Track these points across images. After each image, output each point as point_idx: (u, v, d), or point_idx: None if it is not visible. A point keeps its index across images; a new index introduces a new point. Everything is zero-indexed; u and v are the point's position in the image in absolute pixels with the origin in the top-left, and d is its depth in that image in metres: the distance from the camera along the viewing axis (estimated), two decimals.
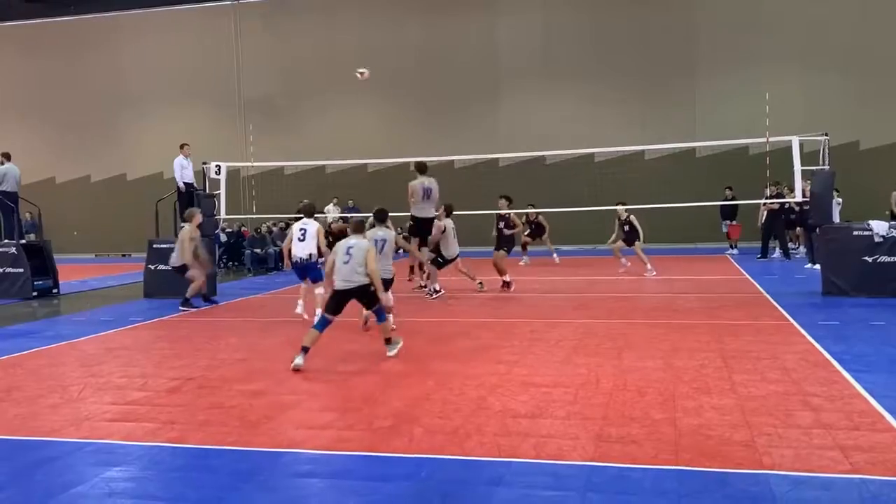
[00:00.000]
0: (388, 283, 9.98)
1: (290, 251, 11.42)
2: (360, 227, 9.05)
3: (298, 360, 8.14)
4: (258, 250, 20.62)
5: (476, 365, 8.19)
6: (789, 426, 5.75)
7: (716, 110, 23.83)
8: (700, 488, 4.65)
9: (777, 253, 19.90)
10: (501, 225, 16.05)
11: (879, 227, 12.52)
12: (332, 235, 16.39)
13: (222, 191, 16.51)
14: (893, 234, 12.36)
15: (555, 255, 19.62)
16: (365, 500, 4.65)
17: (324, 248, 11.16)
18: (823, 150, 13.71)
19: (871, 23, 22.99)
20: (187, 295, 12.98)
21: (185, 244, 12.76)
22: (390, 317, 9.53)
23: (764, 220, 19.87)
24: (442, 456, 5.37)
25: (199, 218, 13.29)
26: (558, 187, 23.35)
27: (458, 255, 14.06)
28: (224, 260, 21.30)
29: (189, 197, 15.75)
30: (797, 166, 14.24)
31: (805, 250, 19.20)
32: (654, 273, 16.08)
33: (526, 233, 19.24)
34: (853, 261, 12.52)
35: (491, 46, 26.01)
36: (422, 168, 13.45)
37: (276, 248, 20.87)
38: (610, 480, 4.84)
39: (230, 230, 22.34)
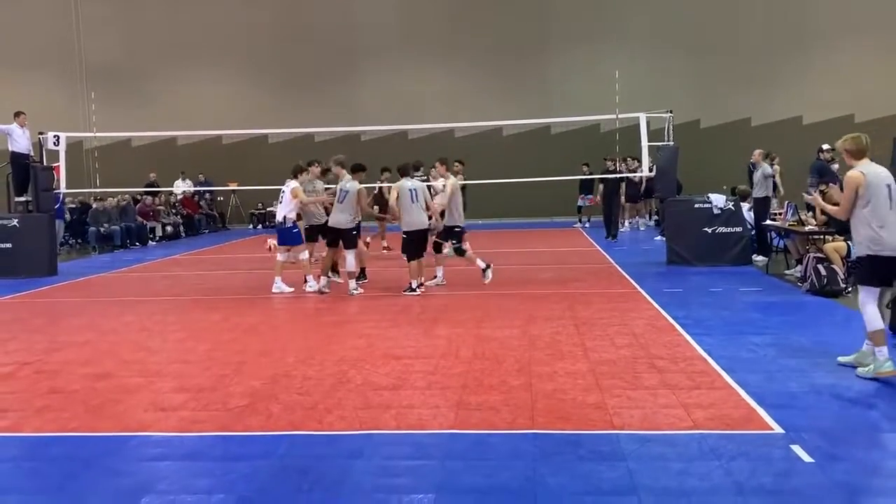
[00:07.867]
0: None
1: None
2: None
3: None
4: (103, 227, 19.37)
5: (338, 340, 8.09)
6: (637, 388, 6.04)
7: (570, 88, 24.50)
8: (555, 450, 4.80)
9: (626, 226, 20.46)
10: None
11: (718, 199, 13.33)
12: None
13: (62, 163, 15.39)
14: (730, 206, 13.21)
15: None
16: (219, 481, 4.48)
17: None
18: (668, 127, 14.43)
19: (711, 4, 24.27)
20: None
21: (363, 193, 10.04)
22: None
23: (603, 197, 19.57)
24: (301, 432, 5.27)
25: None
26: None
27: None
28: (66, 237, 19.94)
29: (24, 169, 14.58)
30: (644, 142, 14.95)
31: (653, 222, 20.11)
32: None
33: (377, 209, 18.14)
34: (694, 232, 13.23)
35: (349, 18, 25.53)
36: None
37: (124, 225, 19.75)
38: (469, 447, 4.90)
39: (73, 205, 20.91)
